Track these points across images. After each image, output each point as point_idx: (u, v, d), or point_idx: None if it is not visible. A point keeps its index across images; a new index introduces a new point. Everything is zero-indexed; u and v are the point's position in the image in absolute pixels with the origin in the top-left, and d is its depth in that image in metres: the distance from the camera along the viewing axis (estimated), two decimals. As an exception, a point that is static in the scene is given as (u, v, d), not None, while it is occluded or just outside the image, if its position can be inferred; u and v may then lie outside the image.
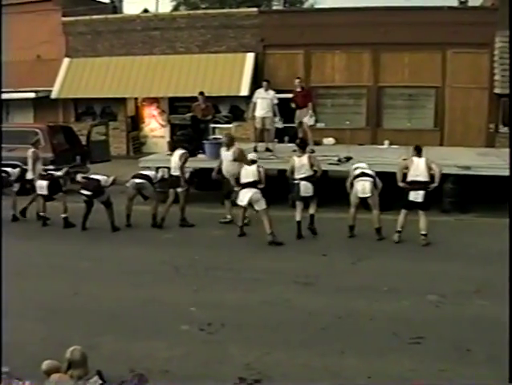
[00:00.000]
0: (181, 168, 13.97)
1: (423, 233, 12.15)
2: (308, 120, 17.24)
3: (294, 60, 23.73)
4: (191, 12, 28.65)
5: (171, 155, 15.99)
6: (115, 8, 30.05)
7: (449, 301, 9.02)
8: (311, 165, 12.99)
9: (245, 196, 12.90)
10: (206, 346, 7.60)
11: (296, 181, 12.98)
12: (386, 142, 19.96)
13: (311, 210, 13.09)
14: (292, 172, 13.05)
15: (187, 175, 17.21)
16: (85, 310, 8.80)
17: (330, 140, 21.73)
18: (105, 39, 25.63)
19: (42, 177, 14.21)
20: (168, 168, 15.44)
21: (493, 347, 7.19)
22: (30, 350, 7.22)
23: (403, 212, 12.38)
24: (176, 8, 40.80)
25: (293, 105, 17.50)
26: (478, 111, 22.42)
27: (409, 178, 12.39)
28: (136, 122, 26.51)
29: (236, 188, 13.34)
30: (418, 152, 12.57)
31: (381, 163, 13.57)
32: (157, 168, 15.62)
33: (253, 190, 12.86)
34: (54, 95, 25.11)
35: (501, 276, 9.14)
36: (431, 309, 8.79)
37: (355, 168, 13.14)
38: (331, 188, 13.32)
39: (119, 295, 9.45)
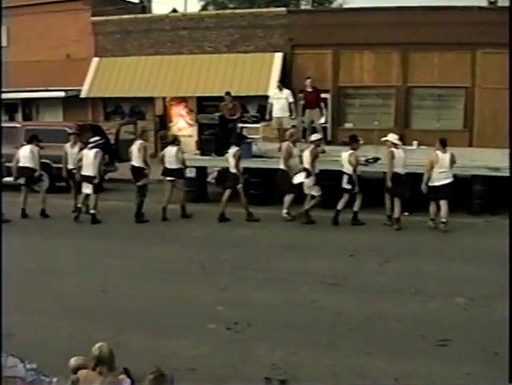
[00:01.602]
0: (237, 166, 14.27)
1: (443, 220, 12.86)
2: (319, 120, 17.47)
3: (323, 60, 23.61)
4: (219, 12, 28.62)
5: (201, 154, 16.37)
6: (144, 8, 30.21)
7: (476, 303, 8.94)
8: (350, 162, 13.57)
9: (297, 178, 13.86)
10: (232, 345, 7.63)
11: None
12: (415, 143, 19.78)
13: (355, 207, 13.68)
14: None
15: (215, 174, 17.46)
16: (112, 307, 8.88)
17: (358, 141, 21.65)
18: (134, 39, 25.72)
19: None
20: (196, 168, 15.82)
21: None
22: (58, 347, 7.29)
23: (432, 203, 13.08)
24: (204, 8, 40.91)
25: (302, 102, 18.21)
26: (508, 112, 22.14)
27: (433, 179, 12.81)
28: (164, 121, 26.60)
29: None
30: (443, 146, 12.87)
31: (408, 164, 13.61)
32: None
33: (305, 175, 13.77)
34: (83, 95, 25.26)
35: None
36: (459, 311, 8.73)
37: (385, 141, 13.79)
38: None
39: (147, 293, 9.50)
